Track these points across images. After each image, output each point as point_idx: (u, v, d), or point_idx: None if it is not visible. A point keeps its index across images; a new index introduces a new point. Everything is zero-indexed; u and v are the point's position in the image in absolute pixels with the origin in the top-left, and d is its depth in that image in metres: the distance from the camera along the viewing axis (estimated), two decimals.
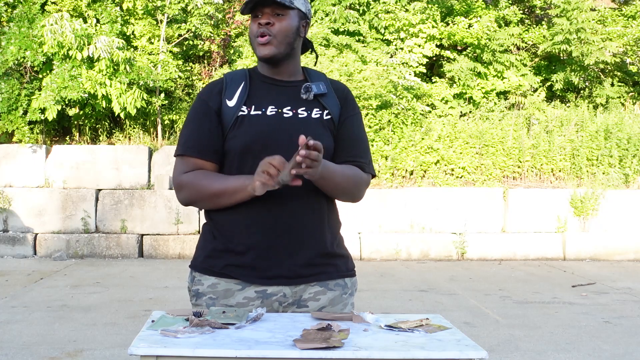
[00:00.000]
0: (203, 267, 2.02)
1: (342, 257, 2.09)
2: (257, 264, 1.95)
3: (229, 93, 2.01)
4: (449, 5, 12.29)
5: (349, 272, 2.09)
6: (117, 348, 4.55)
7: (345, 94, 2.10)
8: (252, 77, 2.06)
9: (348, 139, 2.04)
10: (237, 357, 1.52)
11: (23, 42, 9.01)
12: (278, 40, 1.97)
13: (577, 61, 11.76)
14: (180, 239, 8.95)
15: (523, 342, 4.91)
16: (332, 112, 2.04)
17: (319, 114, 2.02)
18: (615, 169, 9.90)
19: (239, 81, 2.04)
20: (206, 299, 1.99)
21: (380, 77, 10.13)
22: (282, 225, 1.94)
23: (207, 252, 2.02)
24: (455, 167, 9.79)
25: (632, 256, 9.31)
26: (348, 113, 2.07)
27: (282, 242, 1.95)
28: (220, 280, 1.98)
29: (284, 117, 1.99)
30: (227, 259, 1.98)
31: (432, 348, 1.59)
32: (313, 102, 2.02)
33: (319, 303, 2.00)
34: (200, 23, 10.51)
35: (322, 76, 2.12)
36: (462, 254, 9.20)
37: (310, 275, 1.99)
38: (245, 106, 1.99)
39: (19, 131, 9.16)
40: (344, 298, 2.05)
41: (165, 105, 10.34)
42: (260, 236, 1.94)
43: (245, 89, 2.02)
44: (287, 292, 1.98)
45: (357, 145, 2.06)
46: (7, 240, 8.86)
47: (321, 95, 2.03)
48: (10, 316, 5.47)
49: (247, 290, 1.97)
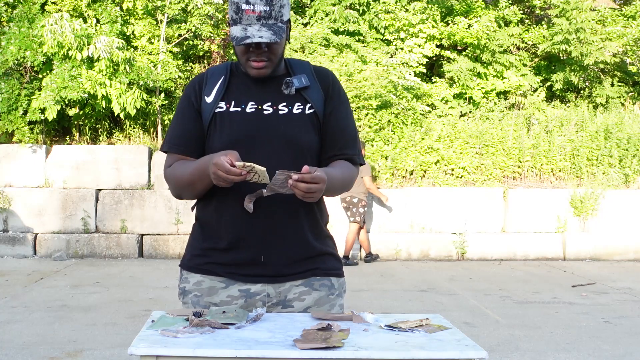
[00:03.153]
0: (189, 265, 2.05)
1: (328, 254, 2.06)
2: (239, 261, 1.96)
3: (207, 89, 2.00)
4: (449, 5, 12.29)
5: (335, 272, 2.06)
6: (117, 348, 4.55)
7: (330, 83, 2.05)
8: (232, 71, 2.03)
9: (335, 132, 2.01)
10: (237, 357, 1.52)
11: (23, 42, 9.00)
12: (274, 62, 1.95)
13: (577, 61, 11.77)
14: (180, 239, 8.95)
15: (523, 342, 4.91)
16: (316, 106, 2.00)
17: (301, 109, 1.99)
18: (615, 169, 9.90)
19: (218, 76, 2.02)
20: (191, 296, 2.00)
21: (380, 77, 10.13)
22: (265, 223, 1.93)
23: (194, 251, 2.05)
24: (455, 167, 9.79)
25: (632, 256, 9.31)
26: (333, 104, 2.03)
27: (264, 239, 1.93)
28: (205, 278, 2.00)
29: (263, 114, 1.96)
30: (212, 256, 1.99)
31: (432, 348, 1.59)
32: (295, 96, 1.99)
33: (304, 303, 1.98)
34: (200, 23, 10.51)
35: (306, 65, 2.07)
36: (462, 254, 9.20)
37: (294, 273, 1.98)
38: (223, 102, 1.98)
39: (19, 131, 9.16)
40: (331, 299, 2.02)
41: (165, 105, 10.34)
42: (244, 234, 1.94)
43: (224, 84, 2.00)
44: (270, 291, 1.97)
45: (344, 137, 2.03)
46: (7, 240, 8.86)
47: (304, 89, 2.00)
48: (10, 316, 5.47)
49: (231, 288, 1.97)
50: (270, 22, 1.87)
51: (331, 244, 2.09)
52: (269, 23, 1.87)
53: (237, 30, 1.88)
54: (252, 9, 1.86)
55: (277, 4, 1.87)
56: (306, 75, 2.02)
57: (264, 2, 1.86)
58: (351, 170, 2.03)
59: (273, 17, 1.87)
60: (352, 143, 2.05)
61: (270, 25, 1.87)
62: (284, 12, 1.90)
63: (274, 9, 1.87)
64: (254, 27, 1.86)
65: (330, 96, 2.04)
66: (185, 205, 9.02)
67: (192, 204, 2.11)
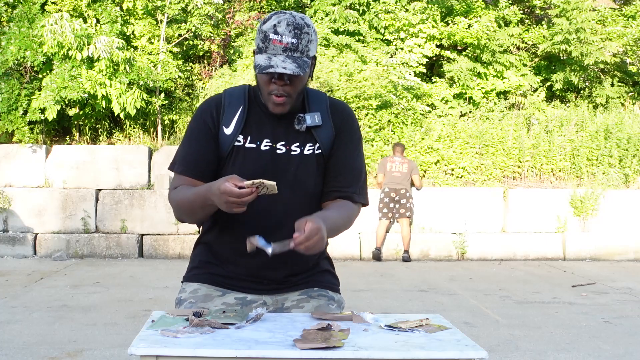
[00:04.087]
0: (188, 276, 2.10)
1: (325, 271, 2.10)
2: (238, 276, 2.01)
3: (226, 119, 1.99)
4: (448, 5, 12.29)
5: (332, 286, 2.10)
6: (117, 348, 4.55)
7: (343, 119, 2.05)
8: (250, 101, 2.02)
9: (338, 168, 2.01)
10: (237, 357, 1.52)
11: (23, 42, 9.00)
12: (293, 99, 1.94)
13: (577, 61, 11.77)
14: (180, 239, 8.95)
15: (523, 342, 4.91)
16: (323, 146, 2.00)
17: (311, 150, 1.99)
18: (615, 169, 9.90)
19: (236, 105, 2.00)
20: (186, 303, 2.02)
21: (380, 77, 10.13)
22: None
23: (194, 264, 2.11)
24: (455, 167, 9.79)
25: (632, 256, 9.31)
26: (341, 141, 2.03)
27: (265, 261, 1.91)
28: (202, 286, 2.04)
29: (276, 154, 1.97)
30: (211, 268, 2.05)
31: (432, 348, 1.59)
32: (307, 134, 1.99)
33: (303, 310, 1.99)
34: (200, 23, 10.51)
35: (322, 98, 2.06)
36: (462, 254, 9.20)
37: (292, 285, 2.04)
38: (241, 135, 1.98)
39: (19, 131, 9.16)
40: (331, 308, 2.02)
41: (165, 105, 10.34)
42: (243, 253, 1.91)
43: (243, 116, 1.99)
44: (267, 300, 2.01)
45: (345, 174, 2.02)
46: (7, 240, 8.86)
47: (315, 127, 2.00)
48: (10, 316, 5.47)
49: (227, 296, 2.01)
50: (296, 54, 1.86)
51: (328, 263, 2.14)
52: (294, 55, 1.85)
53: (261, 59, 1.86)
54: (279, 40, 1.84)
55: (305, 38, 1.86)
56: (321, 110, 2.01)
57: (292, 34, 1.84)
58: (350, 209, 2.02)
59: (299, 51, 1.86)
60: (354, 181, 2.04)
61: (295, 58, 1.85)
62: (310, 48, 1.89)
63: (301, 43, 1.85)
64: (279, 58, 1.84)
65: (340, 134, 2.03)
66: None
67: None
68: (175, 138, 10.15)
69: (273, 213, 1.95)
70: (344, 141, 2.03)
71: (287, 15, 1.86)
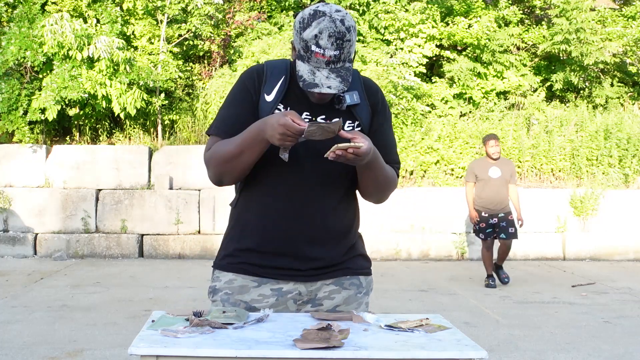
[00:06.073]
0: (222, 264, 2.06)
1: (358, 255, 2.10)
2: (275, 258, 1.98)
3: (267, 86, 1.99)
4: (448, 5, 12.29)
5: (364, 271, 2.10)
6: (117, 348, 4.55)
7: (378, 100, 2.08)
8: (292, 75, 2.01)
9: (383, 147, 2.02)
10: (237, 357, 1.52)
11: (23, 42, 9.01)
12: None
13: (577, 61, 11.76)
14: (180, 239, 8.95)
15: (523, 342, 4.91)
16: (363, 123, 2.02)
17: (351, 127, 2.01)
18: (615, 169, 9.90)
19: (278, 75, 2.00)
20: (222, 294, 2.01)
21: (380, 77, 10.13)
22: (303, 226, 1.96)
23: (227, 251, 2.06)
24: (455, 167, 9.79)
25: (632, 256, 9.31)
26: (379, 120, 2.06)
27: (302, 243, 1.96)
28: (238, 277, 2.01)
29: None
30: (246, 256, 2.01)
31: (432, 348, 1.59)
32: (346, 112, 2.00)
33: (334, 302, 2.01)
34: (201, 23, 10.51)
35: (356, 76, 2.06)
36: (462, 254, 9.20)
37: (327, 272, 2.01)
38: (282, 104, 1.98)
39: (19, 131, 9.16)
40: (359, 297, 2.06)
41: (165, 105, 10.34)
42: (282, 233, 1.96)
43: (284, 86, 1.99)
44: (302, 290, 2.00)
45: (390, 152, 2.07)
46: (7, 240, 8.86)
47: (354, 106, 2.01)
48: (10, 316, 5.47)
49: (263, 287, 1.99)
50: (338, 65, 1.85)
51: (361, 244, 2.14)
52: (337, 67, 1.85)
53: (304, 71, 1.85)
54: (322, 53, 1.82)
55: (347, 46, 1.83)
56: (357, 88, 2.03)
57: (334, 46, 1.81)
58: (394, 177, 2.06)
59: (342, 60, 1.85)
60: (395, 157, 2.09)
61: (338, 70, 1.84)
62: (351, 51, 1.88)
63: (343, 52, 1.83)
64: (322, 73, 1.83)
65: (376, 113, 2.06)
66: (185, 205, 9.03)
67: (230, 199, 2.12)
68: (175, 138, 10.15)
69: (307, 186, 1.96)
70: (381, 121, 2.07)
71: (328, 22, 1.81)
